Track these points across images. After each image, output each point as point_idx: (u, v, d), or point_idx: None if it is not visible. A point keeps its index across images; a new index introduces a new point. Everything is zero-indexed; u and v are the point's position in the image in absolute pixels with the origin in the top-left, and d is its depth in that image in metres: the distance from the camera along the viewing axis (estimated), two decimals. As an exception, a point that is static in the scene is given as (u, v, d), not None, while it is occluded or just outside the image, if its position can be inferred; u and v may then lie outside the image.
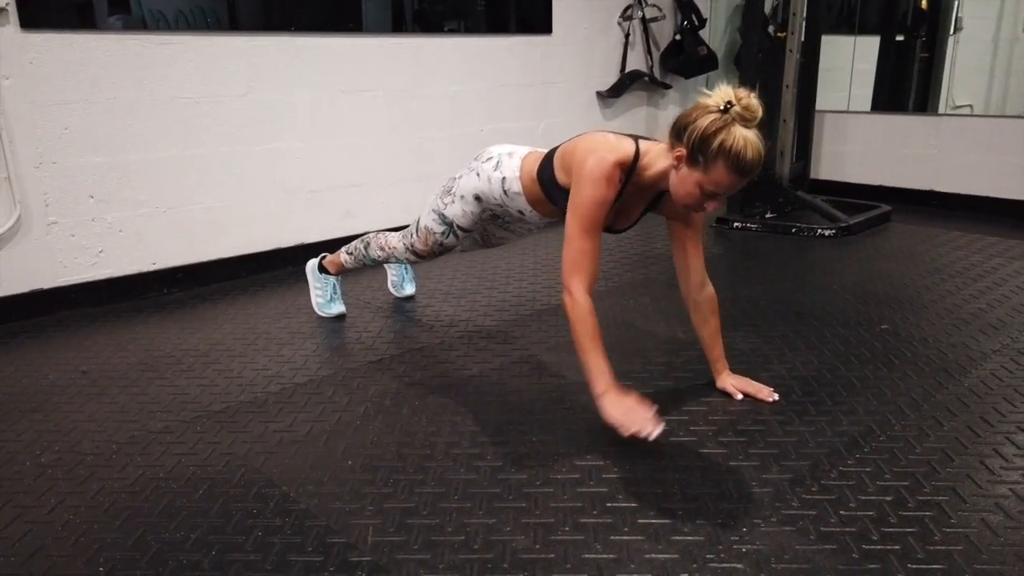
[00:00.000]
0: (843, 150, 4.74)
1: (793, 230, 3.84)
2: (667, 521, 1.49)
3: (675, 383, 2.11)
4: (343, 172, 3.49)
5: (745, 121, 1.62)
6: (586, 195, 1.74)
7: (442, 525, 1.50)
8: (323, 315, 2.73)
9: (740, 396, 2.00)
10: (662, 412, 1.92)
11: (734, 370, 2.09)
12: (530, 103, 4.18)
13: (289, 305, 2.84)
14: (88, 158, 2.80)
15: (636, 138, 1.81)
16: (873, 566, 1.35)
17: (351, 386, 2.13)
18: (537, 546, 1.43)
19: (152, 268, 3.04)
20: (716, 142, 1.61)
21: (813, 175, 4.65)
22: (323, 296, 2.74)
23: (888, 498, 1.55)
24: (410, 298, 2.93)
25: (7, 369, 2.32)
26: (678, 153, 1.67)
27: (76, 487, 1.65)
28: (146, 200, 2.97)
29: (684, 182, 1.70)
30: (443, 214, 2.23)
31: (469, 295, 2.93)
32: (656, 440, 1.64)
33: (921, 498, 1.55)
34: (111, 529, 1.50)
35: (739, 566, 1.36)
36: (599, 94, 4.60)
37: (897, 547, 1.40)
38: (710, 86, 5.11)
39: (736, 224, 3.97)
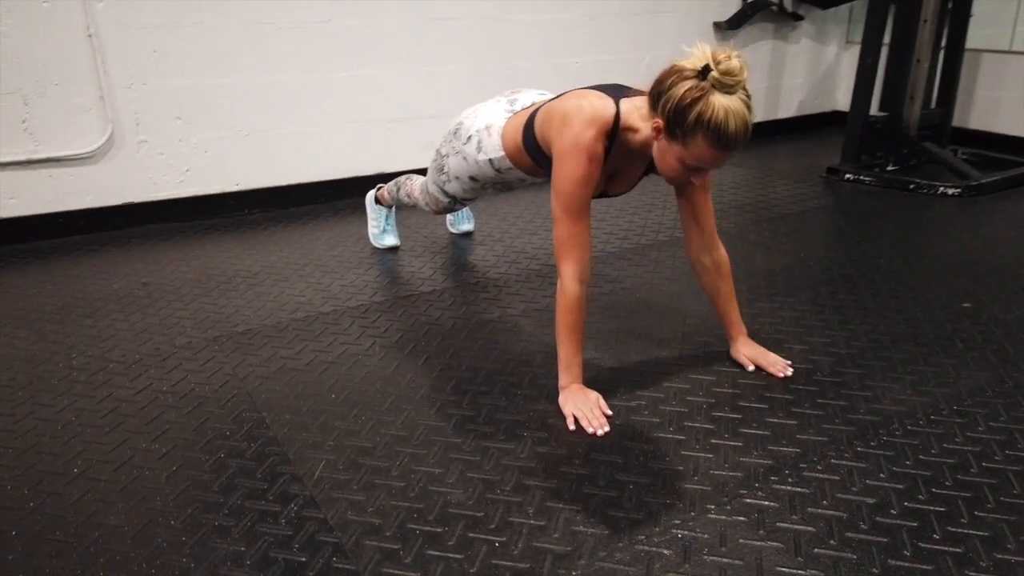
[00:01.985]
0: (1000, 96, 4.15)
1: (911, 186, 3.45)
2: (612, 494, 1.42)
3: (690, 348, 1.98)
4: (426, 102, 3.48)
5: (725, 87, 1.42)
6: (566, 175, 1.62)
7: (389, 468, 1.50)
8: (376, 246, 2.78)
9: (752, 367, 1.85)
10: (666, 378, 1.82)
11: (764, 340, 1.93)
12: (634, 33, 3.96)
13: (351, 234, 2.91)
14: (175, 80, 2.95)
15: (618, 97, 1.64)
16: (813, 574, 1.22)
17: (368, 320, 2.17)
18: (470, 502, 1.40)
19: (235, 189, 3.20)
20: (693, 114, 1.44)
21: (960, 124, 4.12)
22: (377, 227, 2.78)
23: (870, 501, 1.39)
24: (467, 235, 2.91)
25: (83, 274, 2.54)
26: (655, 124, 1.51)
27: (89, 391, 1.80)
28: (230, 123, 3.10)
29: (665, 156, 1.54)
30: (444, 190, 2.18)
31: (526, 235, 2.87)
32: (644, 409, 1.56)
33: (910, 505, 1.37)
34: (100, 434, 1.63)
35: (665, 552, 1.27)
36: (716, 25, 4.27)
37: (853, 557, 1.26)
38: (854, 20, 4.63)
39: (847, 176, 3.62)
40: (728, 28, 4.30)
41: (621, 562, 1.25)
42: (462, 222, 2.91)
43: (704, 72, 1.43)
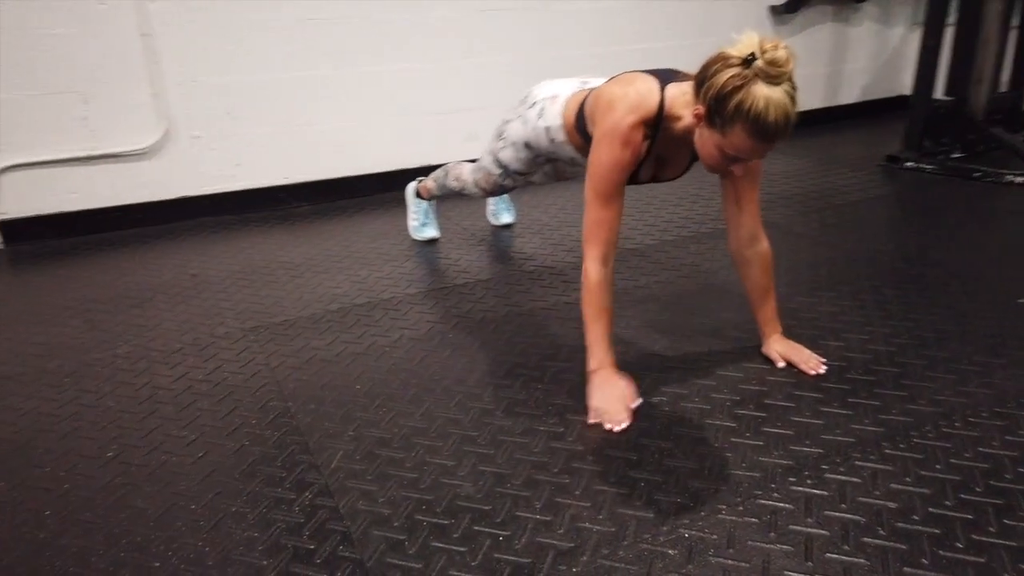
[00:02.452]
0: (1079, 78, 3.90)
1: (976, 175, 3.28)
2: (622, 491, 1.40)
3: (722, 343, 1.93)
4: (470, 94, 3.49)
5: (770, 78, 1.38)
6: (601, 159, 1.61)
7: (403, 460, 1.52)
8: (416, 239, 2.81)
9: (782, 364, 1.80)
10: (693, 374, 1.79)
11: (799, 336, 1.87)
12: (687, 19, 3.87)
13: (393, 227, 2.94)
14: (225, 77, 3.03)
15: (666, 81, 1.61)
16: (822, 579, 1.19)
17: (399, 312, 2.19)
18: (479, 496, 1.41)
19: (284, 182, 3.27)
20: (733, 102, 1.40)
21: (1033, 108, 3.90)
22: (417, 220, 2.81)
23: (892, 505, 1.34)
24: (507, 226, 2.91)
25: (136, 266, 2.65)
26: (696, 111, 1.48)
27: (130, 379, 1.88)
28: (278, 118, 3.17)
29: (705, 143, 1.51)
30: (498, 157, 2.18)
31: (565, 227, 2.85)
32: (665, 405, 1.55)
33: (935, 511, 1.32)
34: (135, 420, 1.70)
35: (670, 552, 1.25)
36: (773, 9, 4.15)
37: (866, 563, 1.21)
38: (921, 0, 4.42)
39: (908, 164, 3.47)
40: (785, 12, 4.17)
41: (623, 560, 1.24)
42: (502, 213, 2.92)
43: (749, 60, 1.40)
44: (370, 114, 3.32)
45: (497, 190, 2.33)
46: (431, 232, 2.79)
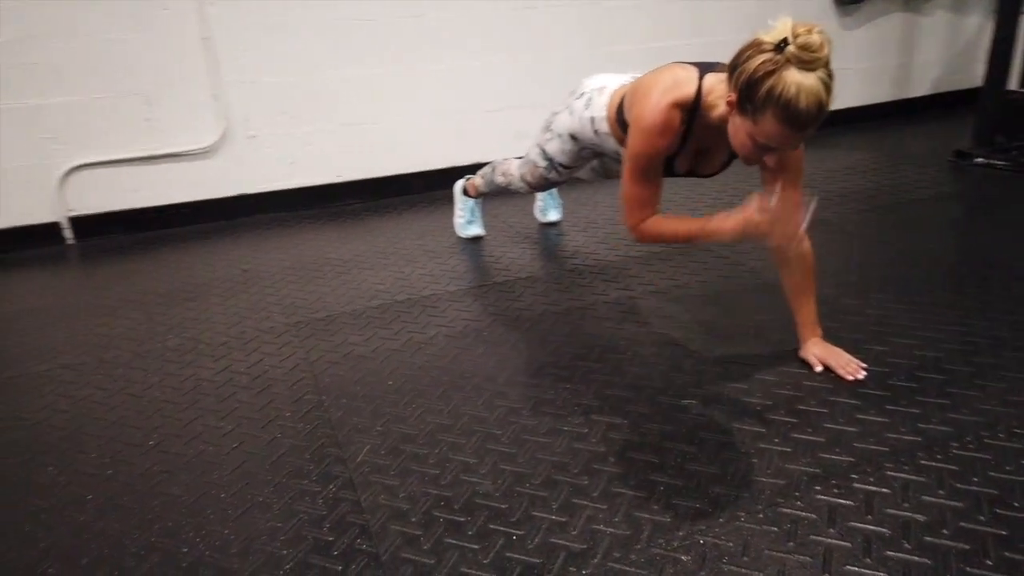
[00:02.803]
0: None
1: (1052, 171, 3.11)
2: (641, 495, 1.39)
3: (759, 345, 1.89)
4: (520, 91, 3.49)
5: (803, 63, 1.34)
6: (637, 143, 1.62)
7: (427, 456, 1.54)
8: (461, 236, 2.83)
9: (820, 368, 1.75)
10: (726, 376, 1.76)
11: (842, 339, 1.82)
12: (744, 12, 3.78)
13: (439, 224, 2.98)
14: (280, 78, 3.12)
15: (705, 71, 1.59)
16: (838, 593, 1.15)
17: (438, 309, 2.22)
18: (497, 494, 1.42)
19: (337, 180, 3.35)
20: (764, 88, 1.37)
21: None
22: (463, 217, 2.83)
23: (920, 518, 1.29)
24: (554, 224, 2.91)
25: (193, 261, 2.75)
26: (729, 98, 1.46)
27: (177, 370, 1.96)
28: (332, 117, 3.24)
29: (737, 131, 1.48)
30: (544, 149, 2.19)
31: (611, 225, 2.83)
32: (694, 408, 1.54)
33: (966, 526, 1.26)
34: (178, 410, 1.77)
35: (683, 558, 1.24)
36: (837, 0, 4.01)
37: (886, 578, 1.17)
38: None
39: (978, 160, 3.31)
40: (852, 2, 4.03)
41: (634, 564, 1.23)
42: (550, 210, 2.92)
43: (781, 46, 1.36)
44: (422, 112, 3.36)
45: (543, 184, 2.33)
46: (476, 230, 2.81)
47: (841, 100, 4.15)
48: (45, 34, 2.79)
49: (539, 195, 2.91)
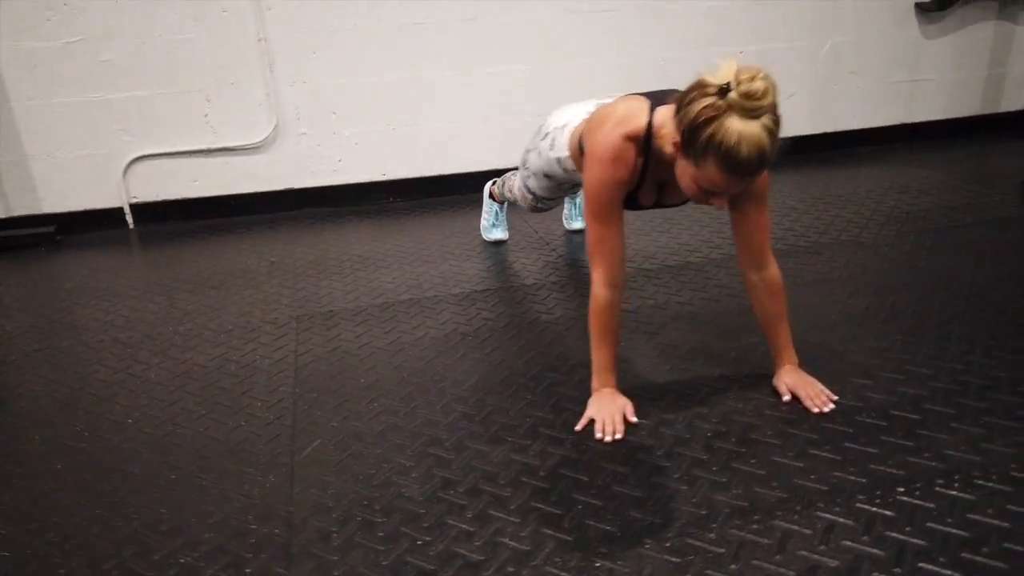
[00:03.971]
0: None
1: None
2: (557, 512, 1.38)
3: (737, 368, 1.83)
4: (570, 96, 3.47)
5: (745, 111, 1.30)
6: (592, 177, 1.58)
7: (369, 455, 1.59)
8: (485, 239, 2.86)
9: (787, 397, 1.68)
10: (686, 400, 1.72)
11: (824, 370, 1.74)
12: (812, 17, 3.63)
13: (470, 226, 3.02)
14: (331, 78, 3.24)
15: (656, 102, 1.55)
16: (713, 633, 1.12)
17: (435, 310, 2.26)
18: (420, 498, 1.45)
19: (382, 178, 3.45)
20: (705, 134, 1.33)
21: None
22: (487, 220, 2.87)
23: (832, 563, 1.22)
24: (580, 231, 2.90)
25: (228, 250, 2.91)
26: (674, 140, 1.42)
27: (177, 355, 2.09)
28: (380, 117, 3.34)
29: (683, 173, 1.45)
30: (526, 184, 2.20)
31: (635, 235, 2.79)
32: (643, 430, 1.57)
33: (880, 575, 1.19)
34: (164, 392, 1.89)
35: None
36: (920, 6, 3.78)
37: (771, 623, 1.12)
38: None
39: (1055, 182, 3.05)
40: (936, 9, 3.79)
41: (520, 581, 1.23)
42: (575, 219, 2.90)
43: (724, 90, 1.33)
44: (468, 115, 3.41)
45: (536, 210, 2.36)
46: (499, 234, 2.84)
47: (919, 113, 3.96)
48: (116, 33, 3.01)
49: (565, 202, 2.91)
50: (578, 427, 1.62)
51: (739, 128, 1.30)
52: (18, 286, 2.68)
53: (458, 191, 3.50)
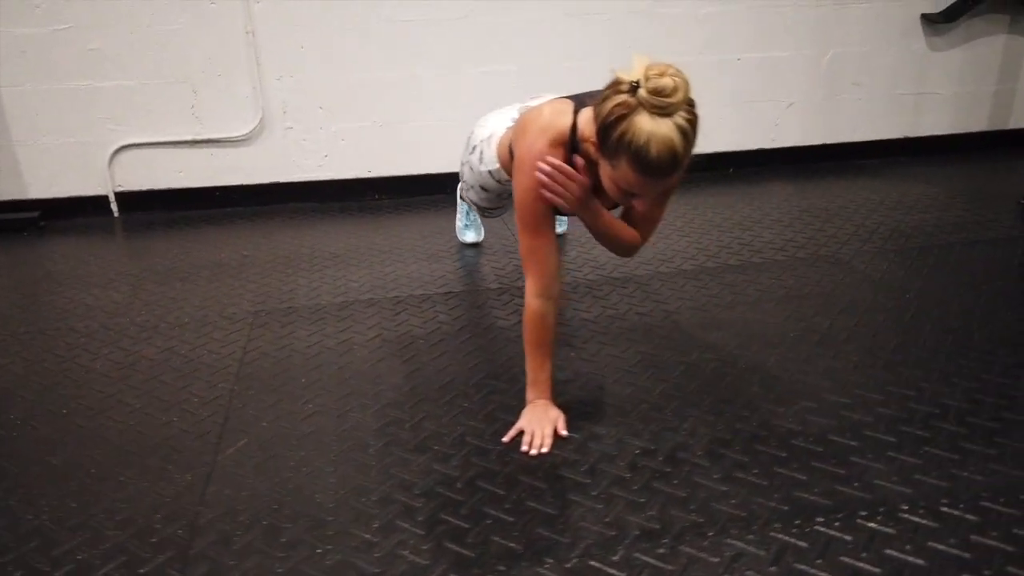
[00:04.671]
0: None
1: None
2: (465, 526, 1.35)
3: (678, 384, 1.78)
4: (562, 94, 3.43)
5: (655, 108, 1.26)
6: (520, 187, 1.55)
7: (291, 457, 1.56)
8: (460, 240, 2.83)
9: (507, 438, 1.60)
10: (627, 414, 1.67)
11: (769, 390, 1.69)
12: (812, 26, 3.55)
13: (450, 226, 2.98)
14: (319, 73, 3.23)
15: (580, 104, 1.52)
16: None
17: (392, 312, 2.24)
18: (330, 505, 1.42)
19: (367, 175, 3.43)
20: (616, 133, 1.31)
21: None
22: (460, 221, 2.84)
23: (733, 596, 1.18)
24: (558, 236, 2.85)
25: (205, 242, 2.91)
26: (592, 139, 1.38)
27: (128, 346, 2.08)
28: (367, 114, 3.33)
29: (603, 174, 1.41)
30: (468, 195, 2.18)
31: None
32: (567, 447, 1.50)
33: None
34: (106, 383, 1.88)
35: (462, 598, 1.19)
36: (926, 17, 3.68)
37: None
38: None
39: (1052, 203, 2.96)
40: (944, 21, 3.69)
41: (409, 597, 1.20)
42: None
43: (634, 88, 1.29)
44: (456, 114, 3.37)
45: (488, 216, 2.36)
46: (472, 235, 2.80)
47: (924, 127, 3.86)
48: (105, 22, 3.02)
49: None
50: (505, 438, 1.59)
51: (649, 127, 1.26)
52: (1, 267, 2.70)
53: (443, 190, 3.47)
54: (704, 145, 3.72)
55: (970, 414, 1.62)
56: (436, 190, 3.46)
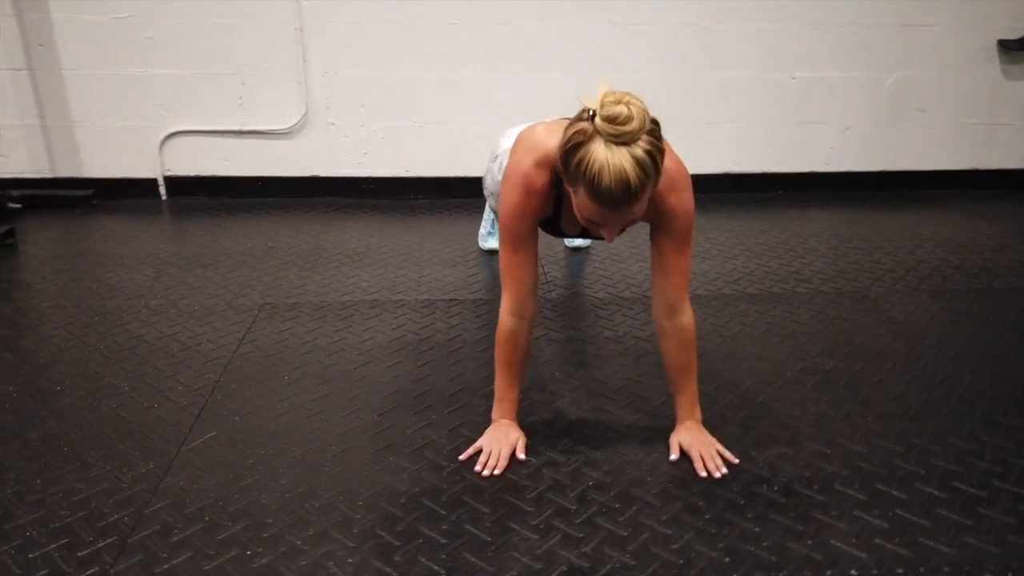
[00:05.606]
0: None
1: None
2: (396, 543, 1.34)
3: (655, 415, 1.72)
4: (603, 109, 3.38)
5: (611, 136, 1.22)
6: (503, 205, 1.52)
7: (251, 455, 1.59)
8: (481, 247, 2.83)
9: (675, 456, 1.56)
10: (593, 442, 1.63)
11: (748, 433, 1.63)
12: (877, 48, 3.40)
13: (476, 231, 2.98)
14: (362, 71, 3.28)
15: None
16: None
17: (392, 315, 2.25)
18: (274, 507, 1.43)
19: (405, 174, 3.46)
20: (574, 160, 1.27)
21: None
22: (484, 228, 2.83)
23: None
24: (579, 250, 2.82)
25: (237, 230, 2.99)
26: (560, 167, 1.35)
27: (135, 330, 2.16)
28: (408, 113, 3.36)
29: (572, 200, 1.37)
30: (490, 203, 2.16)
31: (636, 261, 2.69)
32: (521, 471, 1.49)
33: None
34: (103, 364, 1.95)
35: (370, 618, 1.18)
36: (1003, 44, 3.46)
37: None
38: None
39: (1119, 252, 2.74)
40: (1021, 48, 3.46)
41: (318, 611, 1.20)
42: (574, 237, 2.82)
43: (592, 116, 1.26)
44: (495, 118, 3.36)
45: None
46: (493, 243, 2.79)
47: (995, 160, 3.63)
48: (161, 13, 3.14)
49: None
50: (463, 456, 1.57)
51: (602, 156, 1.23)
52: (38, 244, 2.84)
53: (478, 194, 3.46)
54: (751, 164, 3.64)
55: (957, 478, 1.51)
56: (471, 193, 3.45)
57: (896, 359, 1.99)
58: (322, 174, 3.44)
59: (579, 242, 2.82)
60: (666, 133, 1.32)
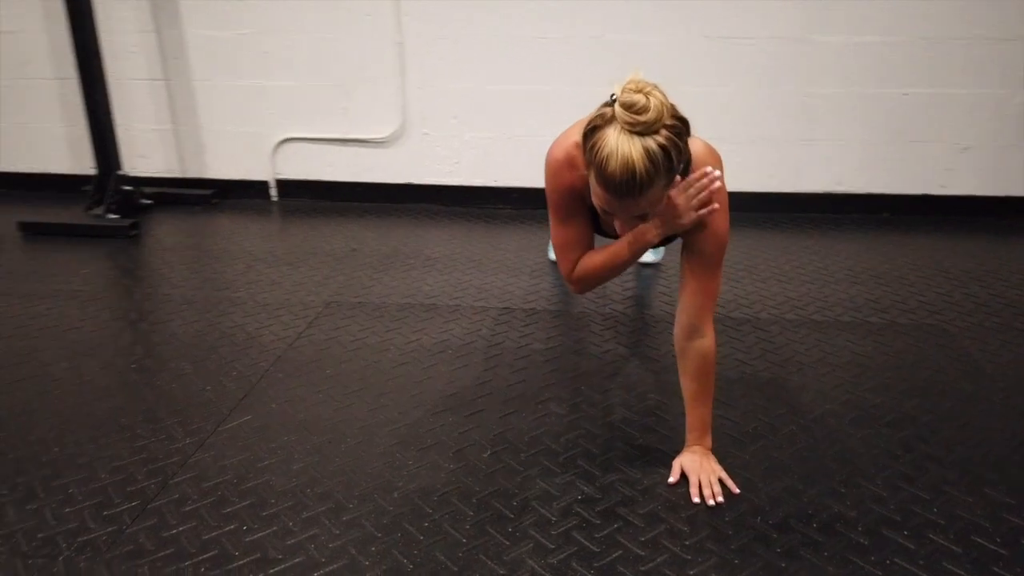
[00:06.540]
0: None
1: None
2: (379, 535, 1.41)
3: (675, 434, 1.69)
4: (697, 124, 3.32)
5: (626, 124, 1.23)
6: (546, 185, 1.57)
7: (277, 442, 1.71)
8: (550, 258, 2.86)
9: (673, 479, 1.53)
10: (595, 458, 1.64)
11: (766, 461, 1.57)
12: (1000, 64, 3.14)
13: (547, 242, 3.03)
14: (456, 84, 3.40)
15: None
16: None
17: (442, 320, 2.33)
18: (285, 495, 1.54)
19: (493, 184, 3.55)
20: (590, 143, 1.29)
21: None
22: (553, 240, 2.86)
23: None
24: (650, 266, 2.79)
25: (330, 231, 3.18)
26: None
27: (208, 319, 2.36)
28: (498, 125, 3.45)
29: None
30: None
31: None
32: (514, 477, 1.51)
33: None
34: (169, 346, 2.16)
35: (330, 601, 1.26)
36: None
37: None
38: None
39: None
40: None
41: (286, 588, 1.28)
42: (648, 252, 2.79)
43: (613, 101, 1.28)
44: (584, 132, 3.39)
45: None
46: (560, 255, 2.81)
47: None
48: (276, 29, 3.40)
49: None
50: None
51: (613, 141, 1.23)
52: (156, 237, 3.15)
53: (567, 206, 3.50)
54: (855, 184, 3.48)
55: (979, 533, 1.39)
56: (558, 205, 3.49)
57: (956, 400, 1.84)
58: (415, 181, 3.59)
59: (650, 257, 2.79)
60: (764, 149, 1.29)
